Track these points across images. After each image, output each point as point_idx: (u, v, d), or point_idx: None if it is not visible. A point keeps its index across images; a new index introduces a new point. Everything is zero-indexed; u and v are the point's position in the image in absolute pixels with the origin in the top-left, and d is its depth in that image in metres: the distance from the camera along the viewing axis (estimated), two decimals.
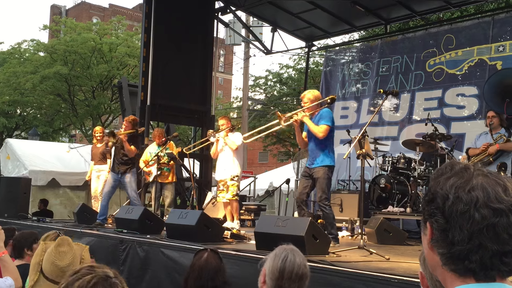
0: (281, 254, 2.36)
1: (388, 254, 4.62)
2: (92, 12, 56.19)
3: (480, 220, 1.03)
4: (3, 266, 3.26)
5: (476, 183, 1.06)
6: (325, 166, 5.75)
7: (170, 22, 10.47)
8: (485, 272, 1.04)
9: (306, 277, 2.37)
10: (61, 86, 24.44)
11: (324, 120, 5.75)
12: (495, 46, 9.32)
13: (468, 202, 1.04)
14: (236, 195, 7.30)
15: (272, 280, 2.30)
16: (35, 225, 7.73)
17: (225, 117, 7.73)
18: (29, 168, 11.93)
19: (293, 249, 2.43)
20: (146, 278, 5.43)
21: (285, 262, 2.31)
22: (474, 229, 1.03)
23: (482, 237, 1.03)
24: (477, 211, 1.03)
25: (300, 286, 2.33)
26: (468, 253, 1.04)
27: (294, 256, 2.35)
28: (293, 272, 2.30)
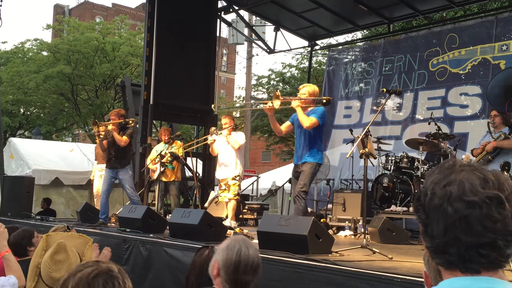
0: (234, 247, 2.35)
1: (391, 253, 4.62)
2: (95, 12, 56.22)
3: (453, 213, 1.06)
4: (6, 265, 3.27)
5: (454, 178, 1.09)
6: (313, 162, 5.74)
7: (173, 22, 10.48)
8: (464, 264, 1.07)
9: (260, 268, 2.39)
10: (64, 85, 24.47)
11: (315, 114, 5.73)
12: (498, 45, 9.30)
13: (442, 196, 1.08)
14: (237, 194, 7.28)
15: (227, 274, 2.31)
16: (38, 224, 7.74)
17: (228, 116, 7.67)
18: (32, 167, 11.96)
19: (245, 240, 2.44)
20: (149, 277, 5.44)
21: (240, 255, 2.32)
22: (448, 223, 1.07)
23: (456, 230, 1.06)
24: (450, 205, 1.07)
25: (254, 276, 2.36)
26: (445, 246, 1.08)
27: (247, 248, 2.35)
28: (248, 264, 2.31)
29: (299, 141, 5.88)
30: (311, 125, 5.67)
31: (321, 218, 8.52)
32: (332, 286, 3.67)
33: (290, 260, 4.06)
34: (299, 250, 4.25)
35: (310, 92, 5.90)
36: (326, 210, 8.89)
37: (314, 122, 5.68)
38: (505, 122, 6.64)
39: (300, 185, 5.69)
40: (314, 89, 5.98)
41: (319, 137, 5.90)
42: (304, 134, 5.80)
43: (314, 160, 5.74)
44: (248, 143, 23.48)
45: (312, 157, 5.75)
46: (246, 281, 2.32)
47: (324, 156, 9.97)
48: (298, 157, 5.86)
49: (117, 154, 7.94)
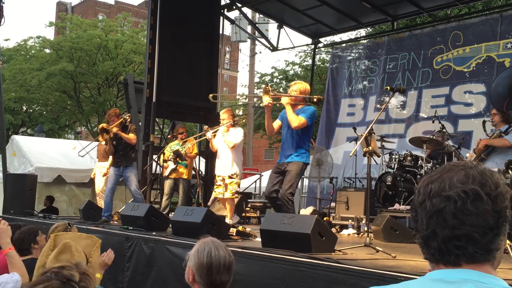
0: (204, 250, 2.38)
1: (395, 252, 4.59)
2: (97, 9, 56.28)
3: (431, 208, 1.12)
4: (10, 262, 3.27)
5: (439, 176, 1.15)
6: (301, 161, 5.59)
7: (175, 19, 10.45)
8: (443, 257, 1.12)
9: (233, 265, 2.42)
10: (66, 83, 24.49)
11: (305, 114, 5.60)
12: (503, 43, 9.26)
13: (425, 193, 1.15)
14: (235, 193, 7.19)
15: (202, 277, 2.34)
16: (41, 222, 7.73)
17: (227, 111, 7.49)
18: (35, 165, 11.96)
19: (213, 241, 2.46)
20: (151, 275, 5.43)
21: (210, 256, 2.35)
22: (427, 217, 1.13)
23: (433, 224, 1.12)
24: (429, 200, 1.13)
25: (230, 275, 2.39)
26: (427, 240, 1.14)
27: (217, 249, 2.39)
28: (220, 265, 2.35)
29: (286, 140, 5.73)
30: (299, 125, 5.55)
31: (324, 216, 8.49)
32: (335, 285, 3.65)
33: (293, 259, 4.04)
34: (302, 249, 4.23)
35: (302, 90, 5.79)
36: (329, 208, 8.86)
37: (302, 122, 5.56)
38: (504, 120, 6.65)
39: (286, 186, 5.48)
40: (305, 87, 5.84)
41: (308, 137, 5.78)
42: (292, 133, 5.67)
43: (301, 159, 5.60)
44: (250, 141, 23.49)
45: (300, 157, 5.61)
46: (221, 281, 2.36)
47: (327, 154, 9.98)
48: (284, 156, 5.70)
49: (124, 152, 7.97)
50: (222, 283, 2.36)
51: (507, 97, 6.83)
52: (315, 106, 5.94)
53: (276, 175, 5.71)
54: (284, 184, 5.55)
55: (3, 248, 3.32)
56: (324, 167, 9.70)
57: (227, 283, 2.38)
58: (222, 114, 7.42)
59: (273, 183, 5.67)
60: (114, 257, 3.67)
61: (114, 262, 5.81)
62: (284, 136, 5.79)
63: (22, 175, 10.13)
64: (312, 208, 9.37)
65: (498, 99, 7.02)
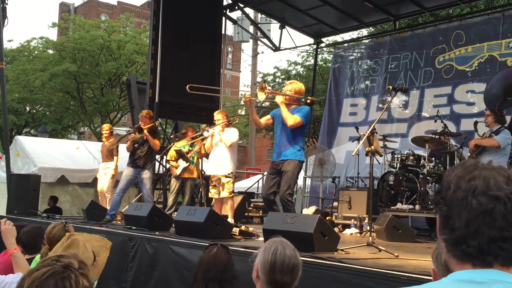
0: (270, 247, 2.38)
1: (397, 251, 4.60)
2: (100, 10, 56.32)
3: (477, 206, 1.08)
4: (15, 262, 3.30)
5: (478, 174, 1.12)
6: (296, 159, 5.61)
7: (178, 19, 10.47)
8: (482, 257, 1.09)
9: (298, 268, 2.39)
10: (70, 83, 24.54)
11: (300, 113, 5.64)
12: (505, 42, 9.25)
13: (467, 190, 1.10)
14: (232, 192, 7.21)
15: (264, 274, 2.33)
16: (45, 222, 7.76)
17: (221, 112, 7.50)
18: (38, 165, 12.00)
19: (283, 241, 2.45)
20: (155, 274, 5.45)
21: (275, 254, 2.34)
22: (470, 215, 1.09)
23: (479, 223, 1.08)
24: (474, 198, 1.09)
25: (293, 277, 2.36)
26: (465, 238, 1.10)
27: (284, 248, 2.37)
28: (284, 264, 2.32)
29: (280, 138, 5.75)
30: (295, 124, 5.58)
31: (327, 216, 8.50)
32: (338, 284, 3.67)
33: None
34: (305, 248, 4.24)
35: (296, 89, 5.82)
36: (332, 208, 8.87)
37: (298, 121, 5.59)
38: (497, 121, 6.71)
39: (284, 188, 5.52)
40: (300, 87, 5.88)
41: (302, 135, 5.80)
42: (287, 131, 5.69)
43: (296, 157, 5.61)
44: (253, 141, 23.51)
45: (295, 155, 5.62)
46: (283, 281, 2.32)
47: (330, 153, 9.98)
48: (278, 154, 5.71)
49: (145, 154, 8.04)
50: (284, 284, 2.33)
51: (500, 97, 6.90)
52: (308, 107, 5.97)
53: (272, 176, 5.73)
54: (282, 186, 5.59)
55: (8, 248, 3.34)
56: (326, 166, 9.70)
57: (289, 285, 2.34)
58: (216, 115, 7.40)
59: (270, 185, 5.71)
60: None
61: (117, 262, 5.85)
62: (278, 134, 5.80)
63: (25, 176, 10.16)
64: (315, 207, 9.39)
65: (492, 100, 7.10)
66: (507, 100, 6.91)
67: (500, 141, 6.47)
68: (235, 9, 11.92)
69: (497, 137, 6.51)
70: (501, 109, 6.85)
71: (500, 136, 6.51)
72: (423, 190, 7.58)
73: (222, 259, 3.07)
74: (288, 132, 5.68)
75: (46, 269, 1.56)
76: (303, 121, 5.64)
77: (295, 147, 5.66)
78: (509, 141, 6.55)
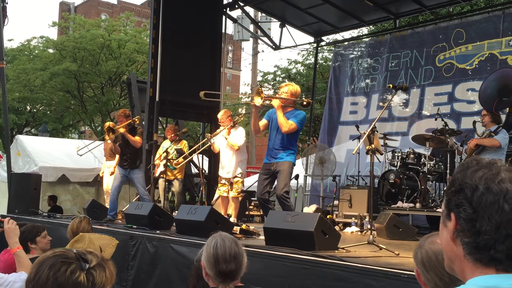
0: (211, 243, 2.50)
1: (398, 249, 4.61)
2: (100, 9, 56.31)
3: (509, 211, 1.05)
4: (18, 261, 3.31)
5: (505, 176, 1.09)
6: (291, 161, 5.73)
7: (178, 18, 10.48)
8: (509, 262, 1.06)
9: (240, 255, 2.49)
10: (70, 82, 24.55)
11: (296, 119, 5.70)
12: (505, 40, 9.25)
13: (498, 193, 1.07)
14: (240, 192, 7.22)
15: (211, 269, 2.43)
16: (46, 221, 7.77)
17: (225, 113, 7.40)
18: (39, 165, 12.00)
19: (221, 234, 2.57)
20: (156, 273, 5.46)
21: (216, 248, 2.45)
22: (502, 220, 1.06)
23: (510, 228, 1.05)
24: (506, 202, 1.06)
25: (237, 264, 2.45)
26: (495, 243, 1.06)
27: (222, 240, 2.49)
28: (226, 253, 2.43)
29: (274, 141, 5.84)
30: (289, 130, 5.67)
31: (328, 214, 8.50)
32: (339, 282, 3.67)
33: (296, 256, 4.06)
34: (306, 247, 4.25)
35: (292, 91, 5.85)
36: (333, 206, 8.87)
37: (293, 127, 5.68)
38: (494, 121, 6.76)
39: (281, 186, 5.67)
40: (296, 89, 5.91)
41: (295, 138, 5.91)
42: (281, 135, 5.78)
43: (290, 159, 5.75)
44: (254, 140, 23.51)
45: (289, 157, 5.74)
46: (229, 269, 2.42)
47: (330, 152, 9.98)
48: (272, 156, 5.82)
49: (131, 155, 8.00)
50: (231, 272, 2.43)
51: (496, 98, 6.94)
52: (304, 109, 6.02)
53: (265, 176, 5.85)
54: (278, 184, 5.71)
55: (11, 247, 3.35)
56: (327, 165, 9.70)
57: (235, 272, 2.44)
58: (220, 117, 7.39)
59: (264, 185, 5.84)
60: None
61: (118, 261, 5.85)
62: (273, 136, 5.89)
63: (26, 175, 10.16)
64: (315, 206, 9.38)
65: (487, 100, 7.14)
66: (502, 101, 6.95)
67: (501, 141, 6.52)
68: (235, 7, 11.92)
69: (497, 137, 6.56)
70: (498, 109, 6.89)
71: (500, 136, 6.57)
72: (423, 188, 7.58)
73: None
74: (283, 136, 5.77)
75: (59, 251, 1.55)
76: (298, 127, 5.73)
77: (289, 150, 5.78)
78: (507, 140, 6.63)
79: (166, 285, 5.27)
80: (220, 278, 2.43)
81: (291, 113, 5.77)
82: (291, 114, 5.75)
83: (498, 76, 7.32)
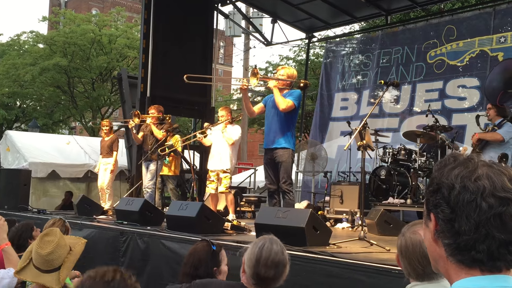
0: (259, 243, 2.43)
1: (389, 245, 4.62)
2: (91, 4, 55.95)
3: (487, 209, 1.02)
4: (6, 257, 3.28)
5: (482, 173, 1.05)
6: (289, 148, 5.66)
7: (169, 13, 10.42)
8: (492, 262, 1.03)
9: (283, 264, 2.43)
10: (60, 78, 24.38)
11: (292, 96, 5.66)
12: (496, 37, 9.28)
13: (475, 191, 1.03)
14: (229, 187, 7.21)
15: (250, 268, 2.37)
16: (36, 217, 7.73)
17: (225, 108, 7.49)
18: (29, 160, 11.93)
19: (272, 238, 2.49)
20: (147, 269, 5.44)
21: (262, 249, 2.38)
22: (481, 218, 1.02)
23: (489, 227, 1.02)
24: (483, 200, 1.02)
25: (277, 272, 2.38)
26: (475, 243, 1.03)
27: (271, 243, 2.42)
28: (269, 258, 2.36)
29: (271, 124, 5.77)
30: (287, 107, 5.59)
31: (319, 210, 8.52)
32: (330, 278, 3.68)
33: (287, 252, 4.05)
34: (297, 242, 4.25)
35: (289, 74, 5.83)
36: (324, 202, 8.89)
37: (290, 105, 5.60)
38: (500, 114, 6.68)
39: (284, 179, 5.62)
40: (292, 72, 5.91)
41: (293, 121, 5.83)
42: (279, 116, 5.70)
43: (289, 146, 5.67)
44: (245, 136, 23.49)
45: (287, 143, 5.66)
46: (266, 275, 2.34)
47: (322, 148, 10.00)
48: (270, 141, 5.74)
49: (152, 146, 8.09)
50: (267, 278, 2.36)
51: (501, 90, 6.88)
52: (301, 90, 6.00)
53: (269, 166, 5.79)
54: (281, 178, 5.66)
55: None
56: (318, 161, 9.72)
57: (272, 279, 2.37)
58: (220, 111, 7.41)
59: (271, 176, 5.77)
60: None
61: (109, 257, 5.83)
62: (270, 120, 5.82)
63: (16, 170, 10.11)
64: (307, 202, 9.40)
65: (493, 93, 7.07)
66: (507, 93, 6.85)
67: (504, 134, 6.42)
68: (226, 3, 11.87)
69: (500, 130, 6.47)
70: (502, 101, 6.81)
71: (503, 130, 6.47)
72: (414, 184, 7.60)
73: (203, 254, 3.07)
74: (281, 116, 5.69)
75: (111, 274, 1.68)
76: (295, 104, 5.65)
77: (287, 134, 5.69)
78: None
79: (157, 281, 5.26)
80: (255, 281, 2.36)
81: (287, 93, 5.74)
82: (287, 94, 5.72)
83: (502, 68, 7.28)
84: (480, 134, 6.66)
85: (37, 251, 2.62)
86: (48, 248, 2.62)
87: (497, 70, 7.36)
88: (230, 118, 7.25)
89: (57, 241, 2.64)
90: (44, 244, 2.64)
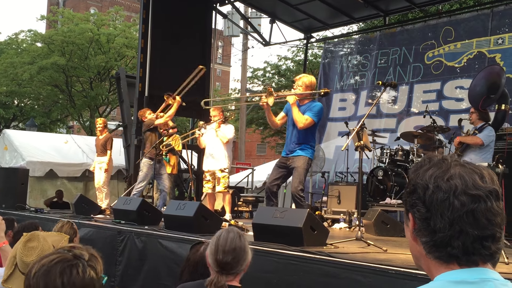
0: (217, 234, 2.60)
1: (386, 245, 4.64)
2: (89, 3, 55.87)
3: (460, 206, 1.08)
4: (3, 256, 3.28)
5: (454, 172, 1.11)
6: (307, 156, 5.59)
7: (168, 13, 10.42)
8: (467, 257, 1.09)
9: (241, 249, 2.53)
10: (58, 77, 24.34)
11: (311, 112, 5.56)
12: (494, 38, 9.31)
13: (447, 190, 1.09)
14: (227, 186, 7.22)
15: (210, 257, 2.51)
16: (33, 216, 7.72)
17: (217, 109, 7.54)
18: (26, 159, 11.92)
19: (231, 228, 2.66)
20: (144, 268, 5.44)
21: (219, 238, 2.54)
22: (454, 216, 1.08)
23: (463, 223, 1.07)
24: (456, 198, 1.08)
25: (236, 257, 2.49)
26: (450, 240, 1.09)
27: (227, 232, 2.57)
28: (226, 244, 2.49)
29: (291, 135, 5.72)
30: (305, 126, 5.53)
31: (316, 210, 8.54)
32: (327, 278, 3.69)
33: (285, 252, 4.07)
34: (294, 242, 4.26)
35: (307, 83, 5.69)
36: (321, 202, 8.91)
37: (309, 122, 5.53)
38: (482, 118, 6.80)
39: (296, 183, 5.53)
40: (311, 80, 5.76)
41: (313, 132, 5.78)
42: (298, 130, 5.64)
43: (306, 154, 5.60)
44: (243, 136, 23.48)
45: (305, 152, 5.60)
46: (225, 261, 2.46)
47: (319, 149, 10.01)
48: (289, 150, 5.70)
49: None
50: (227, 264, 2.47)
51: (484, 95, 6.98)
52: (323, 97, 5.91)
53: (280, 169, 5.73)
54: (293, 181, 5.59)
55: None
56: (316, 161, 9.71)
57: (231, 265, 2.47)
58: (212, 111, 7.45)
59: (276, 177, 5.71)
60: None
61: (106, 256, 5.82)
62: (290, 131, 5.76)
63: (13, 169, 10.09)
64: None
65: (476, 98, 7.18)
66: (490, 98, 6.98)
67: (484, 138, 6.55)
68: (225, 3, 11.88)
69: (481, 134, 6.60)
70: (484, 106, 6.92)
71: (483, 134, 6.59)
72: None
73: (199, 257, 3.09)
74: (300, 131, 5.62)
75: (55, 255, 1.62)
76: (315, 121, 5.58)
77: (306, 145, 5.63)
78: (492, 138, 6.63)
79: (154, 280, 5.27)
80: (217, 268, 2.48)
81: (307, 106, 5.64)
82: (307, 107, 5.63)
83: (486, 74, 7.37)
84: (461, 137, 6.79)
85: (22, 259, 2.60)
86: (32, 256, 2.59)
87: (482, 75, 7.43)
88: (223, 117, 7.28)
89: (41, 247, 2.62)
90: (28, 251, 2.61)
